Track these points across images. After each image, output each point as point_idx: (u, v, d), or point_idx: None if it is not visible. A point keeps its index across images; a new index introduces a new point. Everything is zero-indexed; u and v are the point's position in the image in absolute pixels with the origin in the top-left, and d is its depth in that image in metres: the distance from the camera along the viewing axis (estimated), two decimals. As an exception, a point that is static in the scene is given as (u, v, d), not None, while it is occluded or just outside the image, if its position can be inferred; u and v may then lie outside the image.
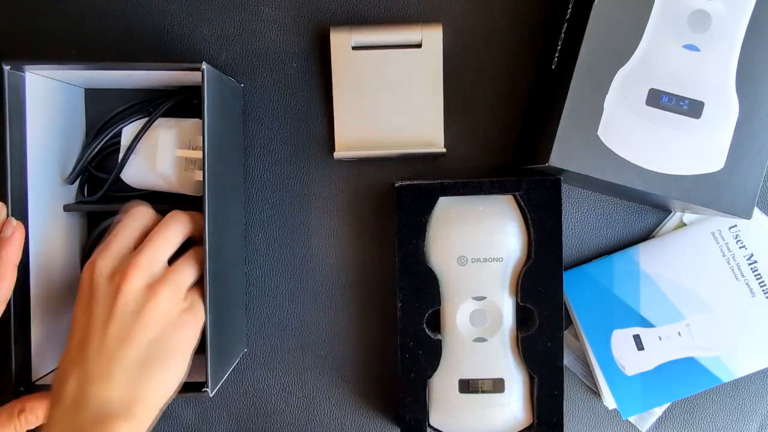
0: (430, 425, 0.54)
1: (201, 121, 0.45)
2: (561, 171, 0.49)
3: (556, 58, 0.52)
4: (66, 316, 0.52)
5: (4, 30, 0.55)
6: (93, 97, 0.56)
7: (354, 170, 0.57)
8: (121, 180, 0.53)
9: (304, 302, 0.57)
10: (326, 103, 0.56)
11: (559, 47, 0.52)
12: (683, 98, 0.46)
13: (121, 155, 0.52)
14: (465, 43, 0.56)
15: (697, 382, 0.55)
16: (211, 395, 0.45)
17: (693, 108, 0.46)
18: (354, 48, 0.53)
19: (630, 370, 0.55)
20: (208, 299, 0.45)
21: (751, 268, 0.55)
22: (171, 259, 0.45)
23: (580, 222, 0.57)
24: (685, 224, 0.56)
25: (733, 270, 0.55)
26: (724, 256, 0.55)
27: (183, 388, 0.47)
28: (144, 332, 0.41)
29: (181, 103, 0.54)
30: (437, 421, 0.54)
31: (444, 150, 0.54)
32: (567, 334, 0.57)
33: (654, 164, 0.46)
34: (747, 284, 0.55)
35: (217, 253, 0.47)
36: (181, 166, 0.51)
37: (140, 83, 0.53)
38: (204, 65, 0.44)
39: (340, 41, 0.53)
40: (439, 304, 0.53)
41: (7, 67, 0.45)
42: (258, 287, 0.57)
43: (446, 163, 0.56)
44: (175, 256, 0.45)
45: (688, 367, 0.55)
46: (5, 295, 0.44)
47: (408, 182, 0.53)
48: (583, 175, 0.47)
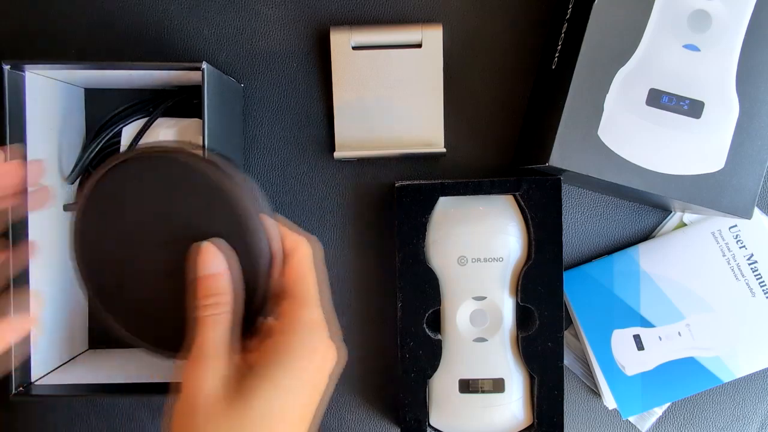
0: (430, 425, 0.54)
1: (201, 120, 0.45)
2: (561, 171, 0.49)
3: (556, 58, 0.52)
4: (66, 316, 0.52)
5: (4, 30, 0.55)
6: (93, 97, 0.56)
7: (354, 170, 0.57)
8: None
9: (304, 302, 0.57)
10: (326, 103, 0.56)
11: (559, 47, 0.51)
12: (683, 98, 0.46)
13: (121, 155, 0.52)
14: (465, 43, 0.56)
15: (697, 382, 0.55)
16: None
17: (693, 108, 0.46)
18: (354, 48, 0.53)
19: (630, 370, 0.55)
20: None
21: (751, 268, 0.55)
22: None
23: (580, 222, 0.57)
24: (685, 224, 0.56)
25: (733, 270, 0.55)
26: (724, 256, 0.55)
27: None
28: None
29: (181, 103, 0.54)
30: (437, 421, 0.54)
31: (444, 150, 0.54)
32: (567, 334, 0.57)
33: (654, 164, 0.46)
34: (747, 284, 0.55)
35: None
36: (181, 166, 0.51)
37: (140, 83, 0.53)
38: (204, 65, 0.44)
39: (340, 41, 0.53)
40: (440, 304, 0.53)
41: (7, 67, 0.45)
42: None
43: (446, 163, 0.56)
44: None
45: (688, 367, 0.55)
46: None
47: (408, 182, 0.53)
48: (583, 175, 0.47)
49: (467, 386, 0.53)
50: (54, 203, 0.51)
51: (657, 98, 0.46)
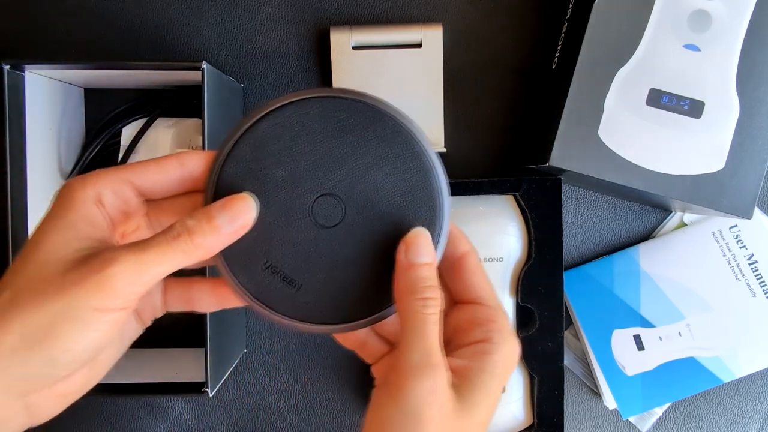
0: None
1: (201, 120, 0.45)
2: (561, 171, 0.49)
3: (556, 58, 0.52)
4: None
5: (4, 30, 0.55)
6: (93, 97, 0.56)
7: (354, 170, 0.57)
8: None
9: (304, 302, 0.57)
10: (326, 103, 0.56)
11: (559, 47, 0.51)
12: (684, 98, 0.46)
13: (121, 155, 0.52)
14: (465, 43, 0.56)
15: (698, 382, 0.55)
16: (210, 395, 0.45)
17: (693, 108, 0.46)
18: (354, 48, 0.53)
19: (630, 370, 0.55)
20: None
21: (752, 268, 0.55)
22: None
23: (580, 222, 0.57)
24: (685, 224, 0.56)
25: (733, 270, 0.55)
26: (724, 256, 0.55)
27: (182, 388, 0.47)
28: None
29: (181, 102, 0.54)
30: (437, 421, 0.54)
31: (444, 150, 0.54)
32: (567, 334, 0.56)
33: (654, 164, 0.46)
34: (747, 284, 0.55)
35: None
36: (181, 166, 0.51)
37: (140, 83, 0.53)
38: (204, 65, 0.44)
39: (340, 41, 0.53)
40: (439, 304, 0.53)
41: (7, 67, 0.45)
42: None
43: (446, 163, 0.56)
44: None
45: (688, 367, 0.55)
46: None
47: (408, 182, 0.53)
48: (583, 175, 0.47)
49: (467, 386, 0.53)
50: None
51: (657, 98, 0.46)
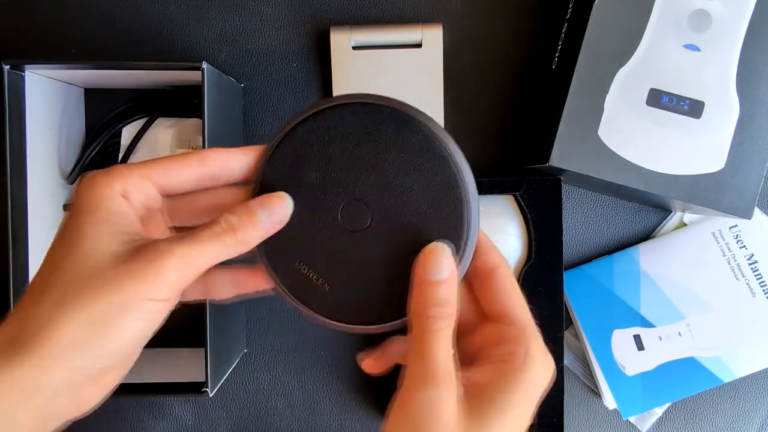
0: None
1: (201, 120, 0.45)
2: (561, 171, 0.49)
3: (556, 58, 0.52)
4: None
5: (4, 30, 0.55)
6: (93, 97, 0.56)
7: (354, 170, 0.57)
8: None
9: (304, 302, 0.57)
10: (326, 103, 0.56)
11: (559, 47, 0.51)
12: (684, 98, 0.46)
13: (121, 155, 0.52)
14: (465, 43, 0.56)
15: (698, 383, 0.55)
16: (210, 395, 0.45)
17: (693, 108, 0.46)
18: (354, 48, 0.53)
19: (630, 370, 0.55)
20: (208, 301, 0.45)
21: (752, 268, 0.55)
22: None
23: (580, 222, 0.57)
24: (685, 224, 0.56)
25: (733, 270, 0.55)
26: (724, 256, 0.55)
27: (182, 388, 0.47)
28: None
29: (181, 103, 0.54)
30: (437, 421, 0.54)
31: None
32: (567, 334, 0.56)
33: (654, 164, 0.46)
34: (747, 284, 0.55)
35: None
36: (181, 166, 0.51)
37: (140, 83, 0.53)
38: (204, 65, 0.44)
39: (340, 41, 0.53)
40: (439, 304, 0.53)
41: (7, 67, 0.45)
42: (258, 287, 0.57)
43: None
44: None
45: (688, 367, 0.55)
46: None
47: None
48: (583, 175, 0.47)
49: (467, 386, 0.53)
50: (54, 203, 0.51)
51: (657, 98, 0.46)
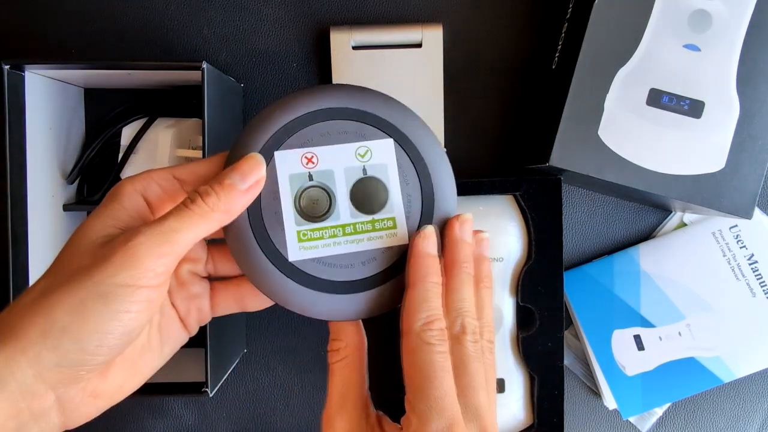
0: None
1: (201, 120, 0.45)
2: (561, 171, 0.49)
3: (556, 58, 0.52)
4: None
5: (4, 30, 0.55)
6: (93, 97, 0.56)
7: (354, 170, 0.57)
8: (121, 180, 0.53)
9: (304, 302, 0.57)
10: (326, 103, 0.56)
11: (559, 47, 0.51)
12: (684, 98, 0.46)
13: (121, 155, 0.52)
14: (465, 43, 0.56)
15: (698, 383, 0.55)
16: (210, 395, 0.45)
17: (693, 108, 0.46)
18: (354, 48, 0.53)
19: (630, 370, 0.55)
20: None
21: (752, 268, 0.55)
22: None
23: (580, 222, 0.57)
24: (685, 224, 0.56)
25: (733, 270, 0.55)
26: (724, 256, 0.55)
27: (182, 388, 0.47)
28: None
29: (181, 102, 0.54)
30: (437, 422, 0.54)
31: (444, 150, 0.54)
32: (567, 334, 0.56)
33: (654, 164, 0.46)
34: (747, 284, 0.55)
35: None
36: (181, 166, 0.51)
37: (140, 83, 0.53)
38: (204, 65, 0.44)
39: (340, 41, 0.53)
40: (439, 304, 0.53)
41: (6, 67, 0.45)
42: (258, 287, 0.57)
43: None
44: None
45: (688, 367, 0.55)
46: None
47: (408, 182, 0.53)
48: (583, 175, 0.47)
49: (467, 386, 0.53)
50: (54, 203, 0.51)
51: (657, 98, 0.46)
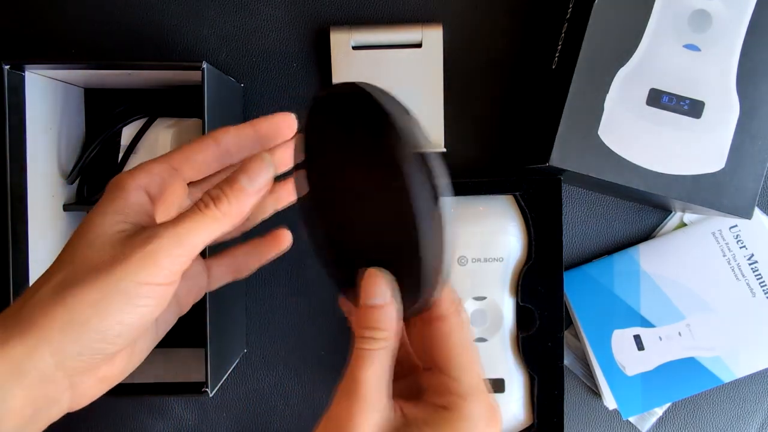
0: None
1: (201, 120, 0.45)
2: (561, 171, 0.49)
3: (556, 58, 0.52)
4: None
5: (4, 30, 0.55)
6: (93, 97, 0.56)
7: (354, 170, 0.56)
8: (120, 173, 0.53)
9: (304, 302, 0.57)
10: (326, 103, 0.56)
11: (559, 47, 0.51)
12: (684, 98, 0.46)
13: (121, 155, 0.52)
14: (465, 43, 0.56)
15: (698, 382, 0.55)
16: (210, 395, 0.45)
17: (693, 108, 0.46)
18: (354, 48, 0.53)
19: (630, 370, 0.55)
20: (208, 301, 0.45)
21: (752, 268, 0.55)
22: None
23: (580, 222, 0.57)
24: (685, 224, 0.56)
25: (733, 270, 0.55)
26: (724, 256, 0.55)
27: (182, 388, 0.47)
28: None
29: (181, 102, 0.54)
30: (437, 421, 0.54)
31: (444, 150, 0.54)
32: (567, 334, 0.56)
33: (654, 164, 0.46)
34: (747, 284, 0.55)
35: (217, 253, 0.47)
36: (181, 166, 0.51)
37: (140, 83, 0.53)
38: (204, 65, 0.44)
39: (340, 41, 0.53)
40: (439, 304, 0.53)
41: (7, 67, 0.45)
42: (258, 287, 0.57)
43: (446, 163, 0.56)
44: None
45: (688, 367, 0.55)
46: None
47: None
48: (583, 175, 0.47)
49: (467, 386, 0.53)
50: (54, 203, 0.51)
51: (657, 98, 0.46)
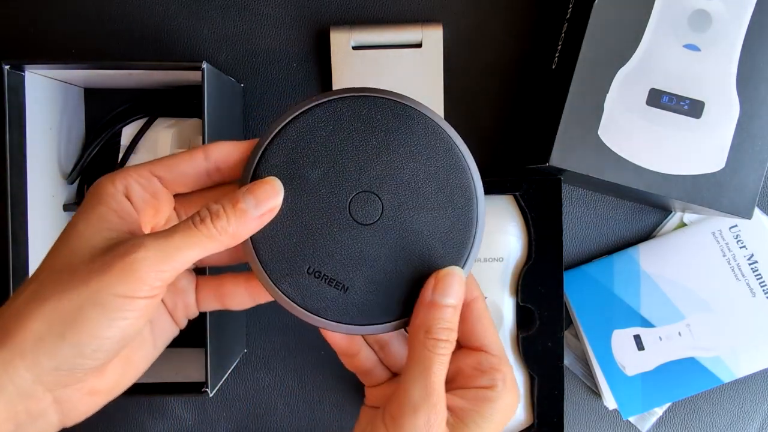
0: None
1: (201, 120, 0.45)
2: (561, 171, 0.49)
3: (556, 58, 0.52)
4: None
5: (4, 30, 0.55)
6: (93, 97, 0.56)
7: (354, 170, 0.57)
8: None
9: (304, 302, 0.57)
10: (326, 103, 0.56)
11: (559, 47, 0.51)
12: (684, 98, 0.46)
13: (121, 155, 0.52)
14: (465, 43, 0.56)
15: (698, 383, 0.55)
16: (210, 395, 0.45)
17: (693, 108, 0.46)
18: (354, 48, 0.53)
19: (630, 370, 0.55)
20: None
21: (752, 268, 0.55)
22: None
23: (580, 222, 0.57)
24: (685, 224, 0.56)
25: (733, 270, 0.55)
26: (724, 256, 0.55)
27: (182, 388, 0.47)
28: None
29: (181, 102, 0.54)
30: (437, 421, 0.54)
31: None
32: (567, 334, 0.56)
33: (654, 164, 0.46)
34: (747, 284, 0.55)
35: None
36: (181, 166, 0.51)
37: (140, 83, 0.53)
38: (204, 65, 0.44)
39: (340, 41, 0.53)
40: (439, 304, 0.53)
41: (7, 67, 0.45)
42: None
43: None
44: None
45: (688, 367, 0.55)
46: None
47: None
48: (583, 175, 0.47)
49: (467, 386, 0.53)
50: (54, 203, 0.51)
51: (657, 98, 0.46)
